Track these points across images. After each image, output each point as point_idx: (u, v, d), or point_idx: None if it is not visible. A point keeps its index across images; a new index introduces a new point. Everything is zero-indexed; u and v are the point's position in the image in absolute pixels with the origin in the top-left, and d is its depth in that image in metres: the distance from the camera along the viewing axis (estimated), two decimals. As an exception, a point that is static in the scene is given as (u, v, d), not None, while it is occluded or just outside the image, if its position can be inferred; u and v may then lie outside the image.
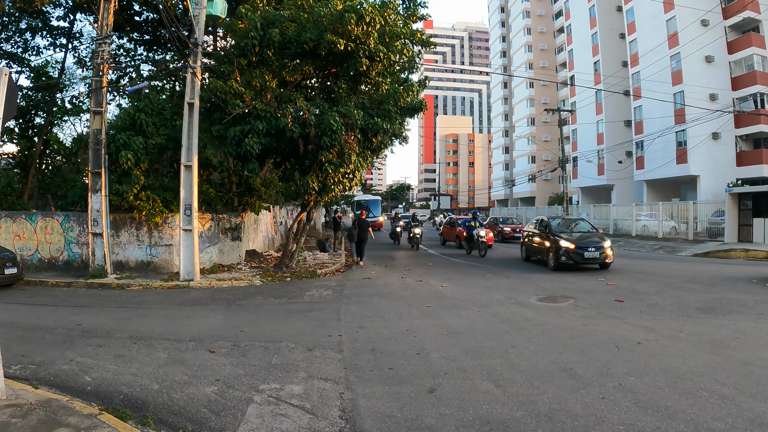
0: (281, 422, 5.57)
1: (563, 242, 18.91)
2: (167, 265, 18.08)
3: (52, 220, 18.66)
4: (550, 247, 19.73)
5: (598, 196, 62.27)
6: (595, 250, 18.58)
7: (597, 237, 19.75)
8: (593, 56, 61.86)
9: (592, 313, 11.22)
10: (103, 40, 16.95)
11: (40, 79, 23.41)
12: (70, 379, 6.98)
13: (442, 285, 15.85)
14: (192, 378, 7.01)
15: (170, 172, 19.71)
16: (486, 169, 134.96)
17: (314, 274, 18.42)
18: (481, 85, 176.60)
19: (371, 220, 46.50)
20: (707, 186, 43.86)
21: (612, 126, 57.98)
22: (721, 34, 45.18)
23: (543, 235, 20.98)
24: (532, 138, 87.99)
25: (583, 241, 19.18)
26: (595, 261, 18.69)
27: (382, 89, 18.09)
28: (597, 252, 18.59)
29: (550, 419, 5.54)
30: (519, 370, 7.27)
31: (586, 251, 18.54)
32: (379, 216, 60.71)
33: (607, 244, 18.96)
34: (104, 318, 11.27)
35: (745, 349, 8.14)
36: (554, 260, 19.18)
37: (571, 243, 18.82)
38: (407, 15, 19.17)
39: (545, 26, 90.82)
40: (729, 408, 5.73)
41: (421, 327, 10.14)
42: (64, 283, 15.85)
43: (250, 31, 15.79)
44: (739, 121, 44.07)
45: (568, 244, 18.73)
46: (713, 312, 11.15)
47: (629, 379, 6.74)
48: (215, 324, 10.68)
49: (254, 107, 15.95)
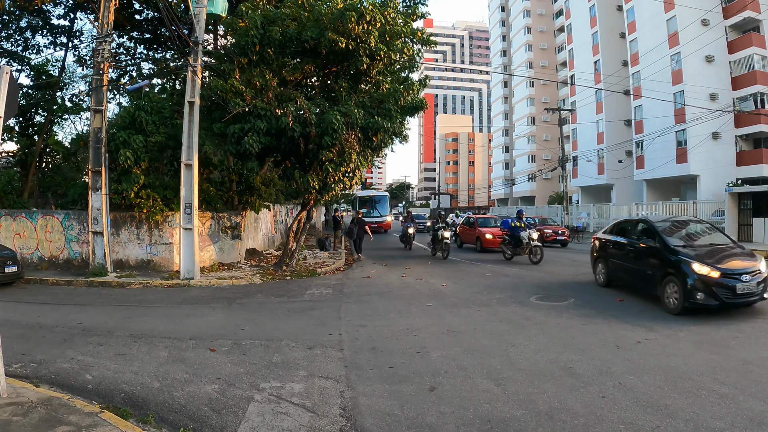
0: (282, 420, 5.58)
1: (698, 266, 10.69)
2: (167, 263, 18.07)
3: (52, 218, 18.65)
4: (667, 273, 11.44)
5: (598, 195, 62.29)
6: (750, 278, 10.53)
7: (741, 252, 11.70)
8: (593, 55, 61.86)
9: (592, 313, 11.22)
10: (104, 39, 16.94)
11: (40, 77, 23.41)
12: (71, 377, 6.99)
13: (443, 284, 15.85)
14: (193, 376, 7.02)
15: (170, 170, 19.71)
16: (486, 168, 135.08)
17: (314, 272, 18.41)
18: (482, 84, 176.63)
19: (376, 220, 45.10)
20: (707, 186, 43.88)
21: (612, 125, 57.96)
22: (721, 34, 45.19)
23: (645, 250, 12.69)
24: (532, 137, 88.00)
25: (725, 261, 11.07)
26: (752, 297, 10.64)
27: (383, 88, 18.09)
28: (753, 281, 10.53)
29: (550, 418, 5.56)
30: (519, 368, 7.29)
31: (739, 281, 10.45)
32: (387, 215, 49.72)
33: (763, 266, 10.94)
34: (105, 316, 11.27)
35: (745, 349, 8.16)
36: (681, 297, 10.86)
37: (711, 267, 10.64)
38: (407, 13, 19.16)
39: (545, 25, 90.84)
40: (728, 407, 5.76)
41: (422, 326, 10.15)
42: (65, 281, 15.85)
43: (250, 29, 15.78)
44: (739, 121, 44.08)
45: (707, 270, 10.56)
46: (713, 312, 11.11)
47: (629, 378, 6.77)
48: (216, 322, 10.69)
49: (254, 106, 15.95)
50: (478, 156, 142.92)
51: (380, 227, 46.06)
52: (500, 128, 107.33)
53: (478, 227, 28.74)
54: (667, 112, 45.94)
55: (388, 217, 49.43)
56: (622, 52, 57.50)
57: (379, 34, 16.45)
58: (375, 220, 44.80)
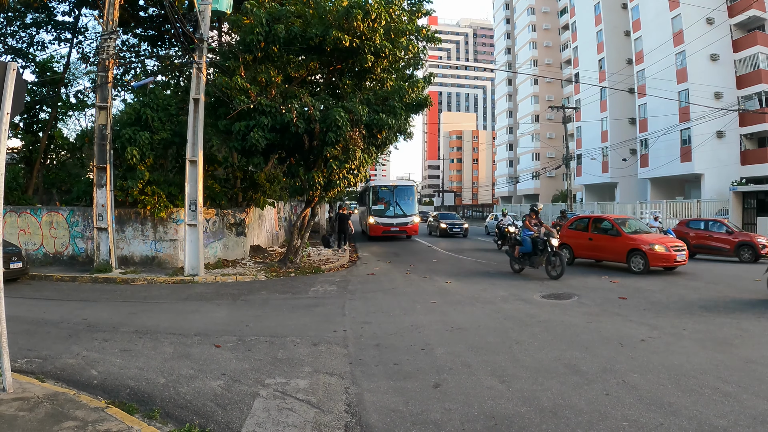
0: (287, 416, 5.58)
1: None
2: (172, 260, 18.11)
3: (56, 214, 18.69)
4: None
5: (602, 193, 62.21)
6: None
7: None
8: (598, 53, 61.77)
9: (596, 310, 11.23)
10: (109, 36, 16.96)
11: (44, 74, 23.39)
12: (77, 372, 7.00)
13: (447, 281, 15.84)
14: (198, 372, 7.03)
15: (175, 167, 19.72)
16: (490, 165, 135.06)
17: (318, 269, 18.43)
18: (486, 82, 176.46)
19: (399, 221, 34.01)
20: (711, 184, 43.81)
21: (616, 123, 57.87)
22: (726, 33, 45.07)
23: None
24: (536, 135, 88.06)
25: None
26: None
27: (387, 85, 18.12)
28: None
29: (554, 415, 5.55)
30: (523, 366, 7.29)
31: None
32: (414, 214, 35.15)
33: None
34: (109, 312, 11.29)
35: (748, 347, 8.16)
36: None
37: None
38: (412, 11, 19.12)
39: (550, 23, 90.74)
40: (732, 405, 5.76)
41: (426, 323, 10.15)
42: (69, 277, 15.89)
43: (255, 26, 15.81)
44: (744, 120, 43.96)
45: None
46: (716, 310, 11.15)
47: (633, 376, 6.76)
48: (220, 319, 10.70)
49: (259, 103, 15.98)
50: (482, 154, 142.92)
51: (404, 231, 34.37)
52: (504, 126, 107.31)
53: (629, 234, 18.10)
54: (672, 110, 45.91)
55: (415, 216, 35.08)
56: (627, 50, 57.40)
57: (384, 31, 16.48)
58: (397, 221, 34.06)
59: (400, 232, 33.96)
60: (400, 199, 34.58)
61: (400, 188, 35.41)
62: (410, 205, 34.91)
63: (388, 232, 33.32)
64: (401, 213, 34.20)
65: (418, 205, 38.21)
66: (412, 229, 34.43)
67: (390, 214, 33.96)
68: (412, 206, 35.06)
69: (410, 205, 34.91)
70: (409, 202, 34.92)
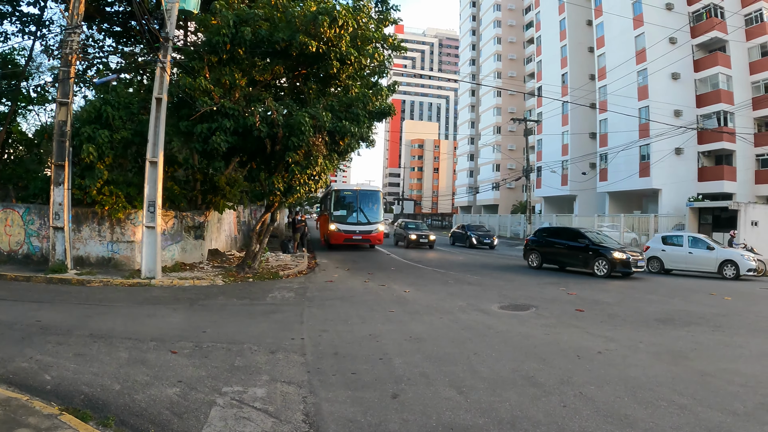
0: (244, 425, 5.55)
1: None
2: (129, 262, 17.83)
3: (12, 212, 18.27)
4: None
5: (561, 206, 63.16)
6: None
7: None
8: (561, 68, 62.82)
9: (554, 322, 11.42)
10: (73, 30, 16.64)
11: (6, 66, 22.90)
12: (30, 377, 6.84)
13: (405, 290, 15.91)
14: (154, 379, 6.93)
15: (135, 167, 19.39)
16: (450, 175, 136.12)
17: (277, 275, 18.35)
18: (449, 92, 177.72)
19: (361, 229, 32.03)
20: (669, 199, 44.89)
21: (577, 138, 58.86)
22: (688, 53, 46.36)
23: None
24: (497, 146, 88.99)
25: None
26: None
27: (352, 92, 18.19)
28: None
29: (512, 426, 5.64)
30: (481, 377, 7.37)
31: None
32: (378, 221, 33.20)
33: None
34: (64, 314, 11.06)
35: (703, 360, 8.41)
36: None
37: None
38: (380, 19, 19.18)
39: (515, 36, 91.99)
40: (687, 417, 5.93)
41: (384, 332, 10.18)
42: (23, 277, 15.53)
43: (222, 28, 15.68)
44: (702, 138, 45.19)
45: None
46: (672, 323, 11.46)
47: (590, 388, 6.90)
48: (177, 324, 10.56)
49: (222, 105, 15.88)
50: (443, 163, 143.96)
51: (367, 239, 32.57)
52: (466, 136, 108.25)
53: None
54: (632, 126, 47.00)
55: (380, 225, 33.09)
56: (590, 66, 58.53)
57: (350, 38, 16.51)
58: (360, 228, 32.14)
59: (364, 240, 32.29)
60: (365, 205, 32.78)
61: (364, 193, 33.65)
62: (375, 212, 33.03)
63: (350, 240, 31.52)
64: (365, 220, 32.32)
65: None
66: (376, 238, 32.67)
67: (353, 221, 32.19)
68: (377, 213, 33.19)
69: (375, 212, 33.03)
70: (373, 209, 33.08)
